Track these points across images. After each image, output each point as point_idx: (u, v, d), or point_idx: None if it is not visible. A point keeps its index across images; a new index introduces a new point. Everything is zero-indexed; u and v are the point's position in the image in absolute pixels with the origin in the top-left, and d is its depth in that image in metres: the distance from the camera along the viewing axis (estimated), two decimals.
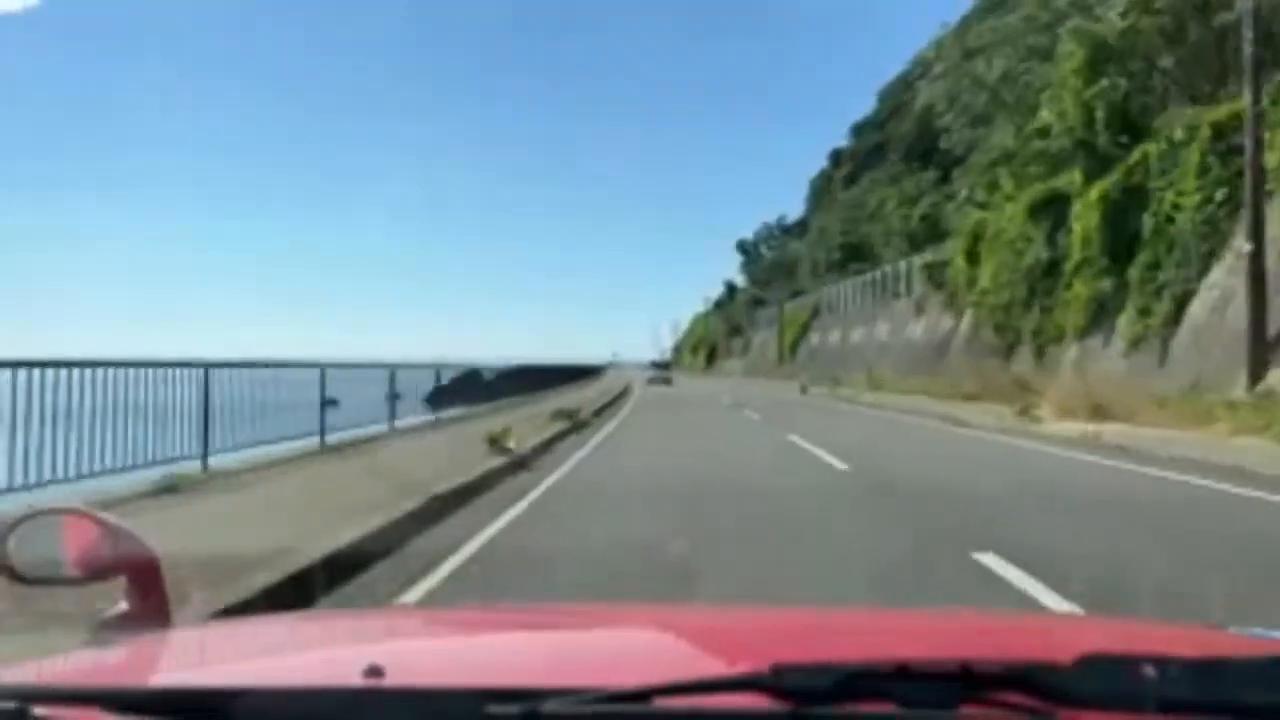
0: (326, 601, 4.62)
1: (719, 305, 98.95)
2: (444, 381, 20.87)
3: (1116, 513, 7.89)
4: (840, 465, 11.14)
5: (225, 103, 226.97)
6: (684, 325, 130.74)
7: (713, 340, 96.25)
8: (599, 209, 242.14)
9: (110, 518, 1.40)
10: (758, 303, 77.14)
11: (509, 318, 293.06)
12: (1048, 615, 3.94)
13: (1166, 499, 8.81)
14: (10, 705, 0.88)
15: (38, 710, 0.88)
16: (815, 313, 56.93)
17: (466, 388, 22.91)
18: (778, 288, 67.27)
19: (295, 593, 4.52)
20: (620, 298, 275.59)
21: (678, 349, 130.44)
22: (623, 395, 33.21)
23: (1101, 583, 5.01)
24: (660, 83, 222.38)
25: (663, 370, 58.94)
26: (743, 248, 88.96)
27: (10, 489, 6.58)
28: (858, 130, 68.50)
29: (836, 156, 71.11)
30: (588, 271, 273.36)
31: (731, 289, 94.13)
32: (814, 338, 55.65)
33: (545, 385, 34.51)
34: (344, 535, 5.67)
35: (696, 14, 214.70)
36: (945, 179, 42.44)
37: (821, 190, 70.87)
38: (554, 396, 28.37)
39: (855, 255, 50.96)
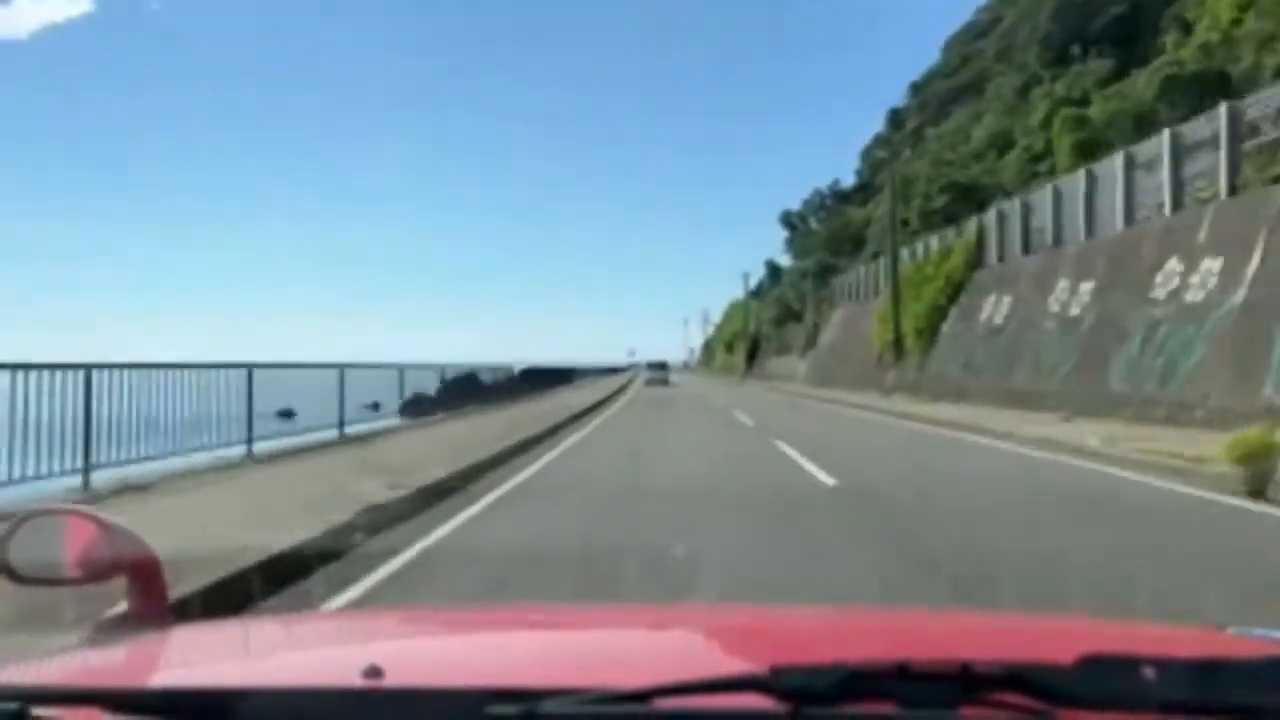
0: None
1: (758, 293, 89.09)
2: (416, 386, 20.74)
3: None
4: None
5: (222, 102, 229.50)
6: (717, 317, 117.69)
7: (755, 332, 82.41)
8: (619, 206, 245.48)
9: (110, 518, 1.48)
10: (826, 271, 59.61)
11: (530, 318, 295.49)
12: (1048, 616, 3.95)
13: None
14: (10, 706, 0.96)
15: (38, 711, 0.96)
16: (976, 260, 31.59)
17: (459, 393, 23.20)
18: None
19: None
20: (648, 295, 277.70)
21: (708, 345, 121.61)
22: (600, 405, 29.15)
23: None
24: (667, 75, 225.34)
25: (660, 370, 64.78)
26: (788, 221, 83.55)
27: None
28: (918, 87, 68.26)
29: (895, 115, 70.34)
30: (612, 271, 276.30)
31: (775, 270, 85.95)
32: (985, 307, 29.15)
33: (547, 386, 37.71)
34: None
35: (701, 8, 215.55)
36: (1126, 69, 34.61)
37: (876, 155, 69.97)
38: (538, 399, 28.87)
39: (965, 197, 41.14)
